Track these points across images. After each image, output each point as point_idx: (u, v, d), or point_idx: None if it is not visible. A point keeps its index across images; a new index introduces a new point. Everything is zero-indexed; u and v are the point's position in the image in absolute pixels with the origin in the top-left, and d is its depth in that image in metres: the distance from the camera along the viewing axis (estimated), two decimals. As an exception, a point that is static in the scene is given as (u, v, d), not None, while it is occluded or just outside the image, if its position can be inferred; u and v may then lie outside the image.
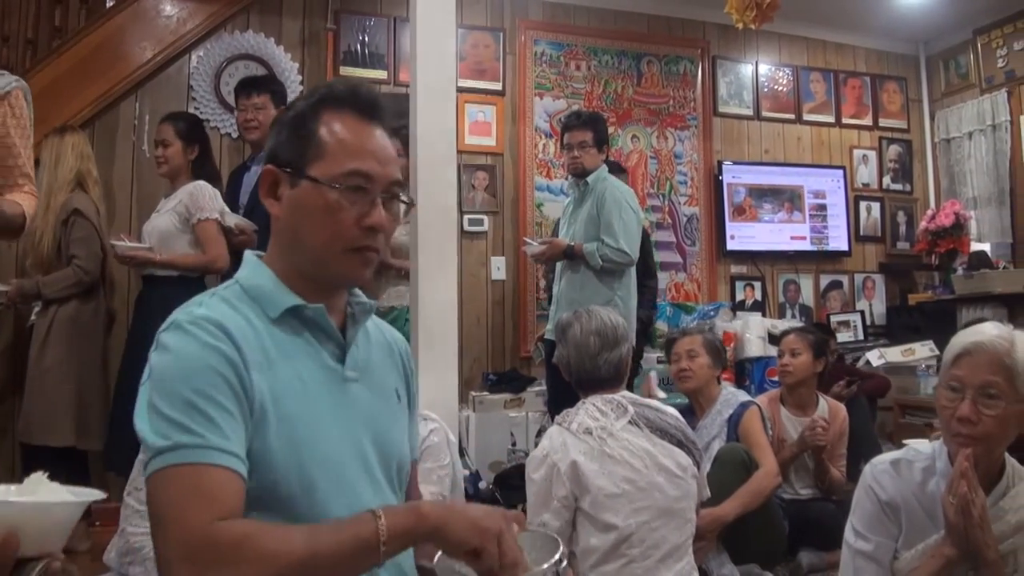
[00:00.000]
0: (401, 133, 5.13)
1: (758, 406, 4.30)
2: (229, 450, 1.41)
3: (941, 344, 6.88)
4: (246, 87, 5.03)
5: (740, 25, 5.17)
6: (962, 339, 2.11)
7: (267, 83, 5.14)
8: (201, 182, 4.66)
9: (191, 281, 4.54)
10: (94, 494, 1.26)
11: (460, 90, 5.89)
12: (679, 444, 3.05)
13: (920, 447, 2.26)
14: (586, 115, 5.34)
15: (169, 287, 4.53)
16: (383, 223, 1.65)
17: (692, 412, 4.31)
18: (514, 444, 5.91)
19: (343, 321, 1.73)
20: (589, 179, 5.11)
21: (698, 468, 3.13)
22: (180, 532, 1.32)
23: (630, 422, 2.99)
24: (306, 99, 1.70)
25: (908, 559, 2.12)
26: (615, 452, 2.90)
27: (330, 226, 1.61)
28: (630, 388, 3.69)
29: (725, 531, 3.75)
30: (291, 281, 1.65)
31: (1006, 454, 2.13)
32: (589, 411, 3.02)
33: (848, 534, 2.24)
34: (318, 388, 1.60)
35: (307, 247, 1.63)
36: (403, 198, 1.79)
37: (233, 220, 4.70)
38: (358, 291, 1.78)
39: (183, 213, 4.60)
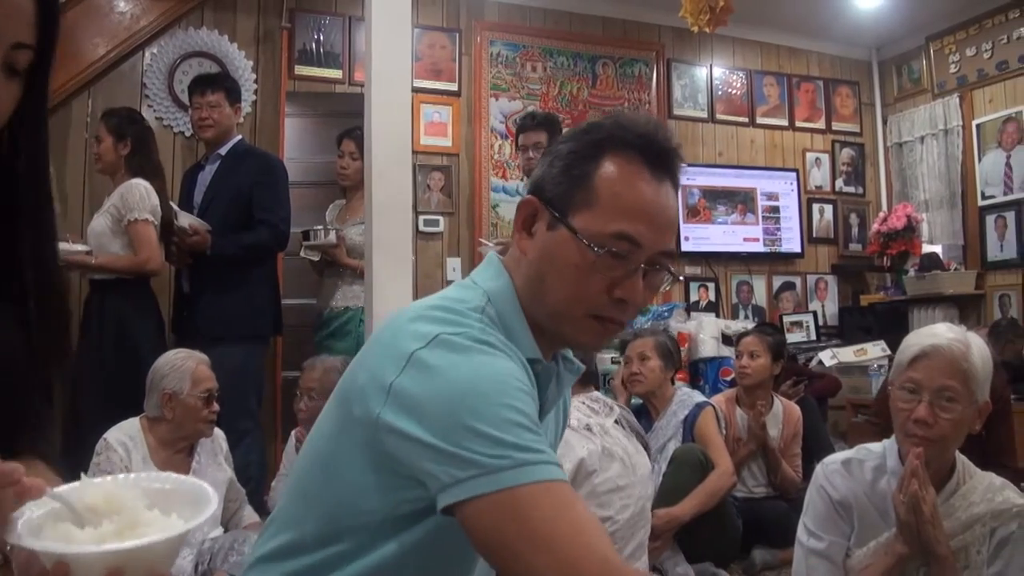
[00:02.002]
0: (355, 134, 5.14)
1: (713, 406, 4.33)
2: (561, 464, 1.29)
3: (893, 344, 6.96)
4: (200, 85, 4.97)
5: (695, 29, 5.19)
6: (918, 341, 2.13)
7: (221, 81, 5.08)
8: (134, 181, 4.50)
9: (132, 284, 4.46)
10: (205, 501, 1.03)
11: (416, 90, 5.89)
12: (645, 446, 3.08)
13: (871, 446, 2.28)
14: (541, 116, 5.34)
15: (112, 291, 4.44)
16: (637, 298, 1.45)
17: (647, 414, 4.33)
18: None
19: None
20: (544, 180, 5.11)
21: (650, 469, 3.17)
22: (596, 560, 1.18)
23: (616, 421, 3.01)
24: (589, 132, 1.48)
25: (860, 557, 2.14)
26: (613, 449, 2.92)
27: (577, 286, 1.42)
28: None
29: (680, 530, 3.77)
30: (532, 322, 1.47)
31: (957, 452, 2.16)
32: (581, 408, 3.03)
33: (801, 533, 2.26)
34: None
35: (547, 297, 1.45)
36: (671, 270, 1.50)
37: (187, 220, 4.63)
38: (571, 351, 1.60)
39: (115, 214, 4.46)
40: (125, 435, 3.35)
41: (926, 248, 7.84)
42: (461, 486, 1.21)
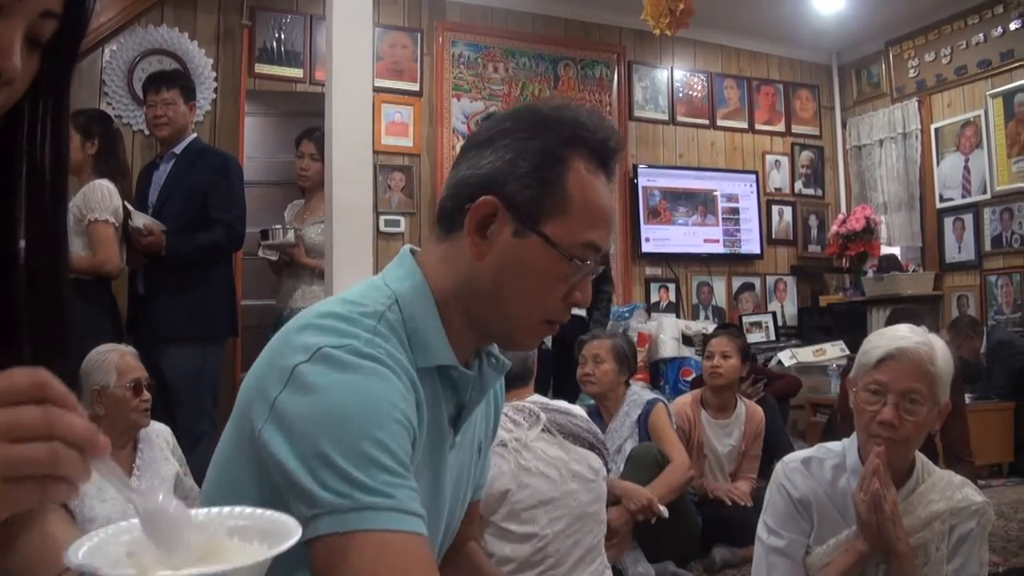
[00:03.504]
0: (315, 135, 5.11)
1: (664, 403, 4.34)
2: (420, 513, 1.18)
3: (852, 344, 7.03)
4: (155, 82, 4.90)
5: (656, 31, 5.21)
6: (883, 342, 2.13)
7: (176, 78, 5.02)
8: (96, 181, 4.45)
9: (90, 285, 4.40)
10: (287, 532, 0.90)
11: (377, 90, 5.87)
12: (591, 447, 3.04)
13: (831, 445, 2.29)
14: (502, 116, 5.32)
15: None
16: (587, 300, 1.42)
17: (599, 415, 4.33)
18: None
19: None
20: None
21: (607, 469, 3.14)
22: None
23: (543, 430, 2.96)
24: (553, 129, 1.37)
25: (820, 554, 2.15)
26: (531, 464, 2.87)
27: (542, 294, 1.37)
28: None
29: (640, 529, 3.77)
30: (451, 325, 1.38)
31: (916, 451, 2.18)
32: (502, 421, 2.99)
33: (761, 531, 2.26)
34: (431, 449, 1.37)
35: (507, 304, 1.37)
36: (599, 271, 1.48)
37: (142, 220, 4.56)
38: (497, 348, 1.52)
39: (76, 214, 4.38)
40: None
41: (885, 250, 7.92)
42: (306, 525, 1.06)
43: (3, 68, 0.85)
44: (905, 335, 2.12)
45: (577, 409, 3.17)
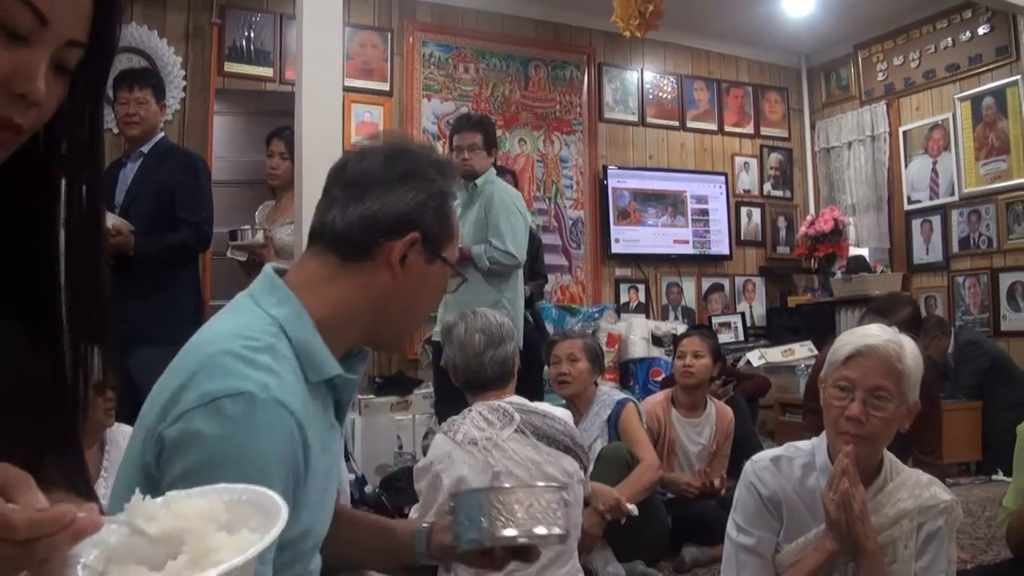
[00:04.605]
0: (285, 134, 5.08)
1: (635, 402, 4.35)
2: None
3: (820, 344, 7.06)
4: (127, 80, 4.85)
5: (626, 33, 5.23)
6: (853, 340, 2.15)
7: (149, 77, 4.97)
8: None
9: None
10: (276, 519, 0.90)
11: (347, 90, 5.85)
12: (566, 450, 3.02)
13: (800, 444, 2.31)
14: (476, 117, 5.33)
15: None
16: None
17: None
18: (401, 447, 5.87)
19: None
20: (478, 181, 5.08)
21: (585, 472, 3.14)
22: None
23: (516, 430, 2.95)
24: (439, 173, 1.62)
25: (789, 552, 2.16)
26: (500, 464, 2.86)
27: (432, 305, 1.74)
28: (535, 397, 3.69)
29: (609, 529, 3.78)
30: (329, 330, 1.52)
31: (884, 450, 2.19)
32: (475, 420, 2.97)
33: (731, 529, 2.27)
34: (324, 447, 1.50)
35: (406, 317, 1.65)
36: None
37: (111, 220, 4.52)
38: None
39: None
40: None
41: (853, 251, 7.99)
42: None
43: (27, 91, 0.91)
44: (875, 333, 2.14)
45: (561, 412, 3.16)
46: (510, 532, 1.57)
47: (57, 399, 1.10)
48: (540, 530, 1.58)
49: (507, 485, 1.79)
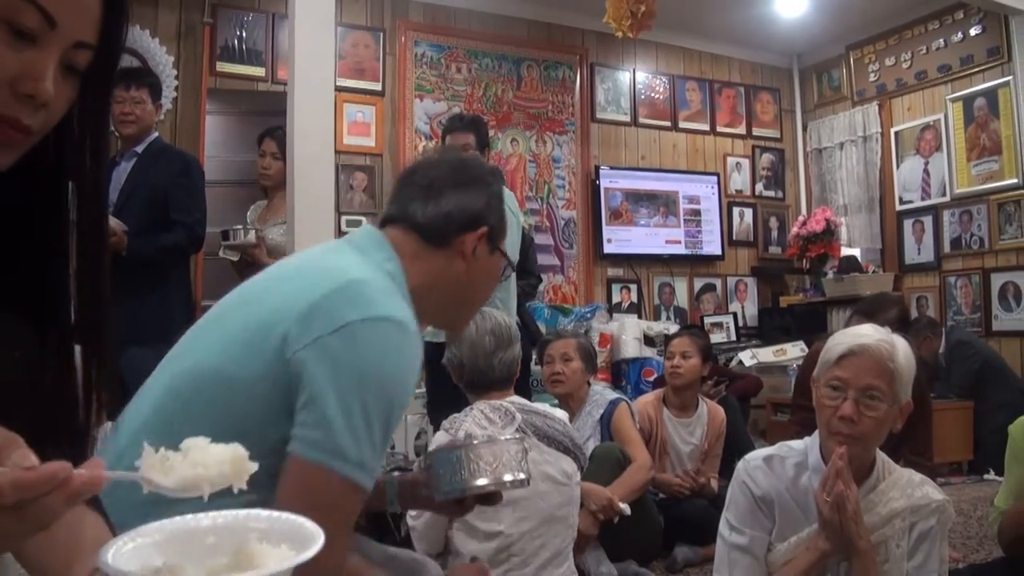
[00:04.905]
0: (277, 134, 5.08)
1: (627, 402, 4.35)
2: (374, 475, 1.56)
3: (811, 344, 7.03)
4: (124, 79, 4.83)
5: (619, 34, 5.23)
6: (845, 340, 2.15)
7: (145, 77, 4.95)
8: None
9: None
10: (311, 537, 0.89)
11: (339, 89, 5.83)
12: (565, 451, 3.04)
13: (792, 444, 2.31)
14: (469, 118, 5.31)
15: None
16: None
17: (562, 415, 4.32)
18: (393, 447, 5.85)
19: None
20: (470, 181, 5.08)
21: (580, 472, 3.14)
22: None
23: (517, 430, 2.95)
24: (494, 179, 1.97)
25: (782, 551, 2.16)
26: None
27: (489, 292, 1.99)
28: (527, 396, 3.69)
29: (602, 529, 3.78)
30: (415, 298, 1.76)
31: (877, 450, 2.20)
32: (476, 418, 2.97)
33: (723, 528, 2.27)
34: None
35: (470, 302, 1.97)
36: None
37: (105, 221, 4.51)
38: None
39: None
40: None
41: (845, 251, 8.00)
42: (303, 444, 1.49)
43: (35, 91, 0.93)
44: (867, 333, 2.15)
45: (560, 413, 3.17)
46: (483, 481, 1.85)
47: (61, 398, 1.10)
48: (508, 477, 1.87)
49: (475, 441, 1.91)
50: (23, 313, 1.05)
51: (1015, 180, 7.06)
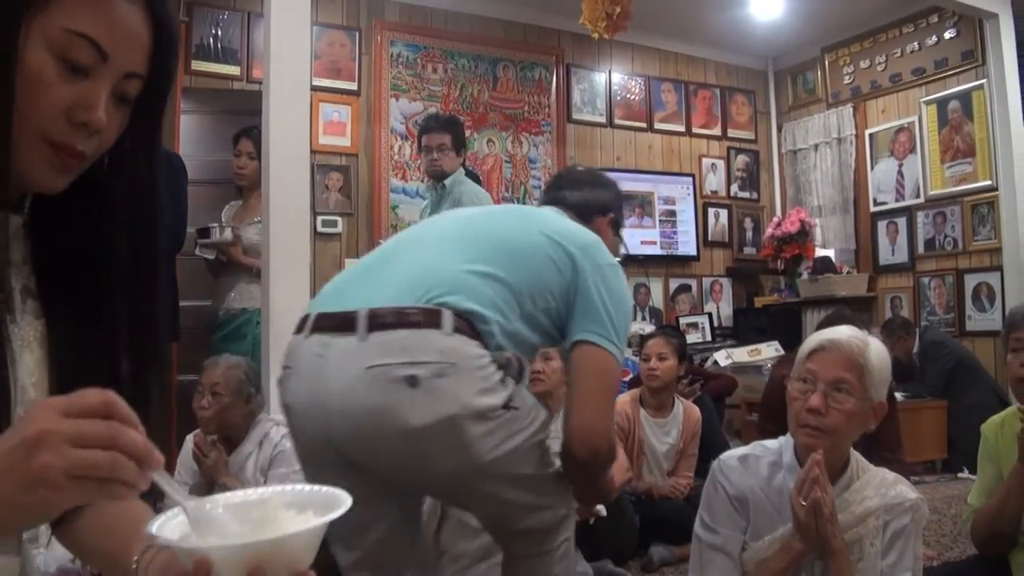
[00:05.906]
0: (253, 133, 5.05)
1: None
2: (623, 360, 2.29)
3: (786, 345, 7.07)
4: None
5: (595, 35, 5.23)
6: (818, 336, 2.17)
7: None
8: None
9: None
10: (339, 503, 0.96)
11: (315, 89, 5.82)
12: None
13: (767, 443, 2.31)
14: (444, 118, 5.31)
15: None
16: None
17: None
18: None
19: None
20: (447, 182, 5.06)
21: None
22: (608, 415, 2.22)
23: None
24: (612, 184, 2.78)
25: (756, 549, 2.17)
26: None
27: None
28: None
29: (578, 528, 3.77)
30: None
31: (851, 448, 2.20)
32: None
33: (698, 527, 2.28)
34: None
35: None
36: None
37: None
38: None
39: None
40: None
41: (819, 252, 8.04)
42: (594, 335, 2.17)
43: (89, 120, 1.01)
44: (841, 330, 2.16)
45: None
46: None
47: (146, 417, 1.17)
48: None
49: None
50: (77, 324, 1.15)
51: (988, 182, 7.12)
